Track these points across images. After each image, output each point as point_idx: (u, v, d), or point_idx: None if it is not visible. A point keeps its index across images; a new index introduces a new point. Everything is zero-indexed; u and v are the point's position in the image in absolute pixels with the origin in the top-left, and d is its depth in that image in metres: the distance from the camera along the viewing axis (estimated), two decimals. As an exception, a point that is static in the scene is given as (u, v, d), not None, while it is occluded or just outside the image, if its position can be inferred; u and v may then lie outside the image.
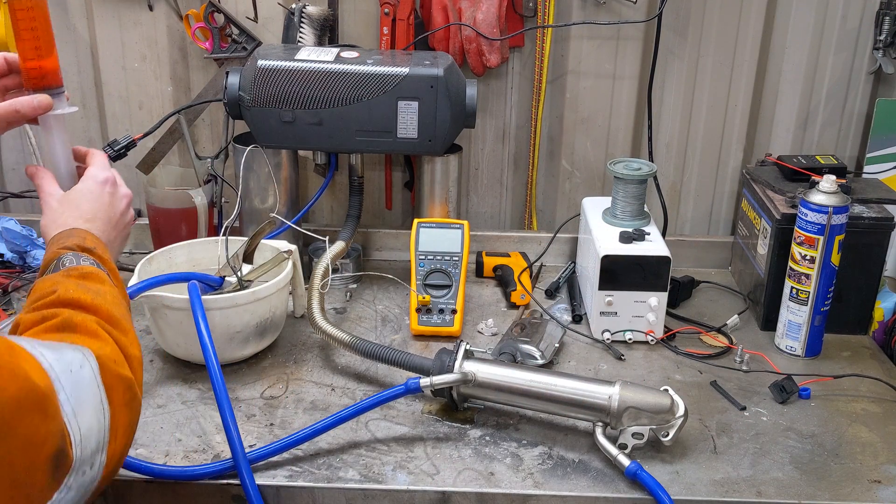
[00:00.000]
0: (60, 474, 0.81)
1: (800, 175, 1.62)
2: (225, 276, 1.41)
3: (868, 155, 1.79)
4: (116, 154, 1.46)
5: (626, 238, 1.52)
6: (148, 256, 1.46)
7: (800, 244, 1.45)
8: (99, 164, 1.17)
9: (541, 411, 1.30)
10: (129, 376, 0.92)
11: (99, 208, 1.12)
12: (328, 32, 1.73)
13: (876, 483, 1.19)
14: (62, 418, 0.82)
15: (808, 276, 1.45)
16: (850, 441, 1.28)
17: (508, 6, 1.72)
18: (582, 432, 1.28)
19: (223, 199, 1.74)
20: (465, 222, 1.62)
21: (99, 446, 0.86)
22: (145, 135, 1.64)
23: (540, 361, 1.41)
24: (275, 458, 1.20)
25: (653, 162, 1.69)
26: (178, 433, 1.26)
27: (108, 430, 0.87)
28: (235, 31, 1.73)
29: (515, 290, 1.66)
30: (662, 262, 1.48)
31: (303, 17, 1.67)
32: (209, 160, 1.71)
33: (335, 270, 1.67)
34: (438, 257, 1.58)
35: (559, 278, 1.74)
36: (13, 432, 0.75)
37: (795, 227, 1.45)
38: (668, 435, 1.20)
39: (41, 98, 1.13)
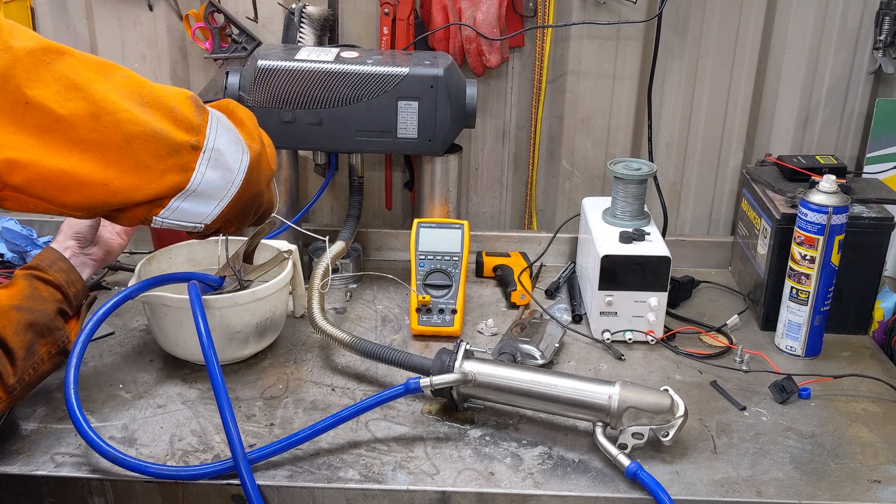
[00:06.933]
0: (203, 108, 1.04)
1: (800, 175, 1.62)
2: (225, 276, 1.41)
3: (868, 155, 1.79)
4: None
5: (626, 238, 1.52)
6: (148, 256, 1.46)
7: (800, 244, 1.45)
8: None
9: (541, 411, 1.30)
10: (234, 101, 1.17)
11: None
12: (328, 32, 1.73)
13: (876, 483, 1.19)
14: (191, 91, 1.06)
15: (808, 276, 1.45)
16: (850, 441, 1.28)
17: (508, 6, 1.72)
18: (582, 432, 1.28)
19: (223, 199, 1.74)
20: (465, 222, 1.62)
21: (222, 117, 1.08)
22: (145, 135, 1.64)
23: (540, 361, 1.41)
24: (275, 458, 1.20)
25: (653, 162, 1.69)
26: (178, 433, 1.26)
27: (229, 120, 1.10)
28: (235, 31, 1.73)
29: (515, 290, 1.66)
30: (662, 262, 1.49)
31: (303, 17, 1.67)
32: (209, 160, 1.71)
33: (335, 270, 1.67)
34: (438, 257, 1.58)
35: (559, 278, 1.74)
36: (152, 85, 1.00)
37: (795, 227, 1.45)
38: (668, 435, 1.20)
39: None
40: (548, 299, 1.70)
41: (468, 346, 1.31)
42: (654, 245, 1.52)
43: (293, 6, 1.68)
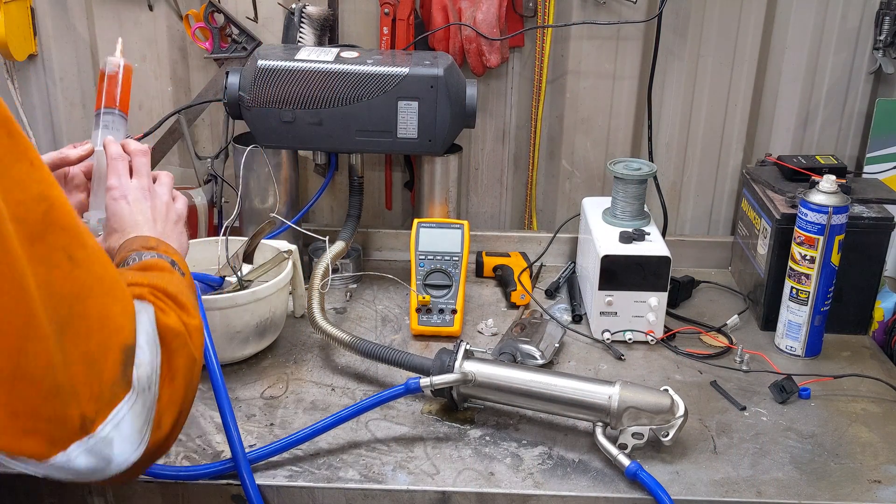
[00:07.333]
0: (127, 379, 0.78)
1: (800, 175, 1.62)
2: (225, 276, 1.41)
3: (868, 155, 1.79)
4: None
5: (626, 238, 1.52)
6: (148, 256, 1.46)
7: (800, 244, 1.45)
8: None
9: (541, 411, 1.30)
10: (183, 331, 0.88)
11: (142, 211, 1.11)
12: (328, 32, 1.73)
13: (876, 483, 1.19)
14: (134, 328, 0.80)
15: (808, 276, 1.45)
16: (850, 441, 1.28)
17: (508, 6, 1.72)
18: (582, 432, 1.28)
19: (223, 199, 1.74)
20: (465, 222, 1.62)
21: (151, 381, 0.82)
22: (145, 135, 1.64)
23: (540, 361, 1.41)
24: (275, 458, 1.20)
25: (653, 162, 1.69)
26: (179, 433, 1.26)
27: (159, 374, 0.84)
28: (235, 31, 1.73)
29: (515, 290, 1.66)
30: (662, 262, 1.49)
31: (303, 17, 1.67)
32: (209, 160, 1.72)
33: (335, 270, 1.67)
34: (438, 257, 1.58)
35: (559, 278, 1.74)
36: (94, 299, 0.75)
37: (795, 227, 1.45)
38: (668, 435, 1.20)
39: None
40: (548, 299, 1.70)
41: (468, 346, 1.31)
42: (654, 245, 1.52)
43: (293, 6, 1.68)
